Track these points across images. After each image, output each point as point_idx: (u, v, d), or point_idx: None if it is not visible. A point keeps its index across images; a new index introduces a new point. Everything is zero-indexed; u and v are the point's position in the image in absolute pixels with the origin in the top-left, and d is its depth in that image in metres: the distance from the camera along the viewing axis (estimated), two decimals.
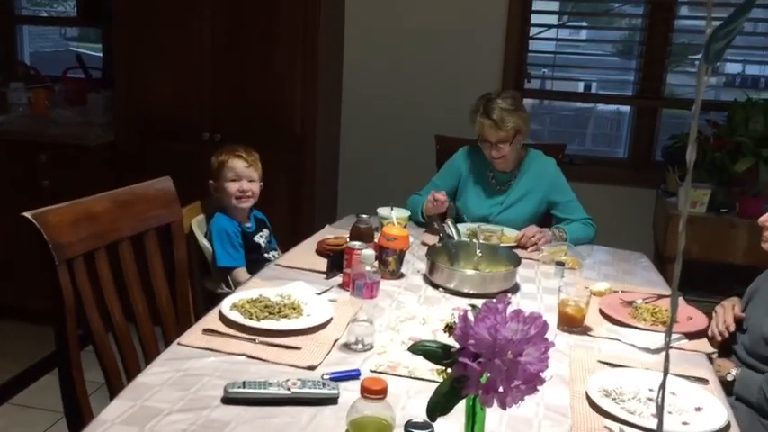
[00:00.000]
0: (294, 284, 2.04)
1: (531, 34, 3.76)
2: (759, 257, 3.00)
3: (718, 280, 3.24)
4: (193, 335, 1.72)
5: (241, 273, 2.49)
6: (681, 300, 2.17)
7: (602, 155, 4.14)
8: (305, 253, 2.41)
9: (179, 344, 1.67)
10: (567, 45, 4.04)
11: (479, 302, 1.15)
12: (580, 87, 4.14)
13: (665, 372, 0.79)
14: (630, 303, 2.11)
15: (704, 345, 1.91)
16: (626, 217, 3.62)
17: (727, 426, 1.47)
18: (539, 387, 1.11)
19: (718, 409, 1.52)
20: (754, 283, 2.18)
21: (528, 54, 3.78)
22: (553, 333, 1.90)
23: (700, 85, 0.70)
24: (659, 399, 0.77)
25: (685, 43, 3.72)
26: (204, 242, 2.54)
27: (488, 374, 1.10)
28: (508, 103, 2.71)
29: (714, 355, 2.03)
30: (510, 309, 1.14)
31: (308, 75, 3.42)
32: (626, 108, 3.89)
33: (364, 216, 2.28)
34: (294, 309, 1.86)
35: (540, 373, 1.11)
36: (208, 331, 1.73)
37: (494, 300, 1.13)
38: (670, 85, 3.68)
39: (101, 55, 4.38)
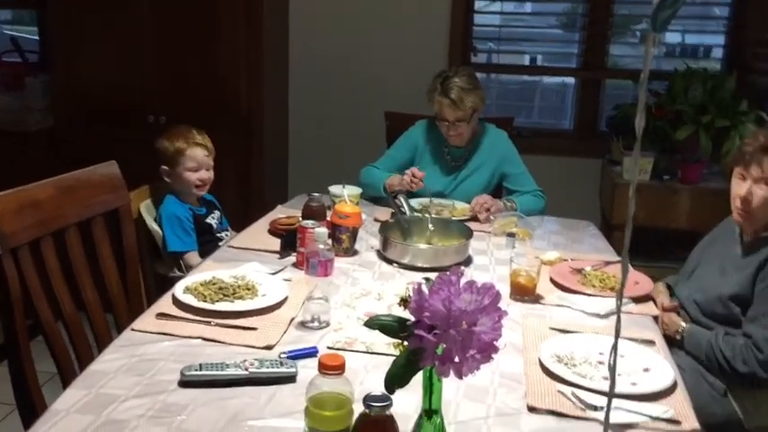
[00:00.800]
0: (248, 265, 2.02)
1: (476, 8, 3.78)
2: (700, 222, 3.10)
3: (662, 245, 3.35)
4: (147, 320, 1.70)
5: (193, 256, 2.46)
6: (628, 265, 2.23)
7: (548, 127, 4.19)
8: (257, 233, 2.39)
9: (132, 330, 1.65)
10: (512, 18, 4.07)
11: (433, 276, 1.17)
12: (526, 61, 4.18)
13: (617, 334, 0.81)
14: (580, 271, 2.16)
15: (650, 308, 1.97)
16: (573, 187, 3.68)
17: (674, 385, 1.52)
18: (493, 356, 1.14)
19: (665, 369, 1.58)
20: (698, 247, 2.24)
21: (474, 28, 3.79)
22: (506, 303, 1.94)
23: (647, 54, 0.71)
24: (611, 360, 0.79)
25: (627, 14, 3.79)
26: (154, 226, 2.50)
27: (444, 345, 1.11)
28: (465, 81, 2.73)
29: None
30: (463, 280, 1.16)
31: (253, 52, 3.37)
32: (571, 80, 3.94)
33: (316, 194, 2.28)
34: (249, 290, 1.85)
35: (495, 342, 1.13)
36: (161, 316, 1.71)
37: (447, 272, 1.15)
38: (613, 56, 3.75)
39: (37, 38, 4.23)
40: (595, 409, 1.42)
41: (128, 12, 3.38)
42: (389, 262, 2.19)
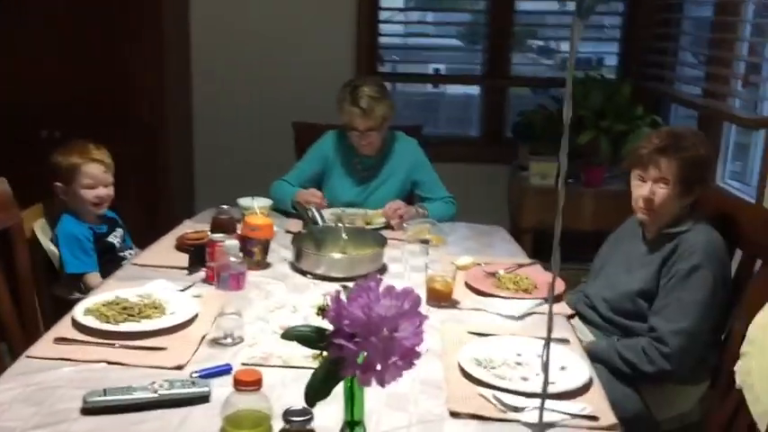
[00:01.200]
0: (154, 283, 1.93)
1: (381, 18, 3.79)
2: (604, 222, 3.20)
3: (570, 246, 3.42)
4: (44, 345, 1.59)
5: (93, 278, 2.32)
6: (539, 267, 2.27)
7: (457, 135, 4.25)
8: (164, 250, 2.29)
9: (28, 357, 1.54)
10: (417, 28, 4.11)
11: (350, 286, 1.13)
12: (430, 72, 4.24)
13: (549, 332, 0.80)
14: (493, 274, 2.17)
15: (563, 307, 2.01)
16: (482, 193, 3.74)
17: (590, 382, 1.55)
18: (415, 361, 1.11)
19: (581, 367, 1.60)
20: (604, 247, 2.30)
21: (379, 38, 3.80)
22: (423, 309, 1.92)
23: (574, 39, 0.71)
24: (545, 356, 0.78)
25: (527, 25, 3.90)
26: (51, 247, 2.35)
27: (365, 353, 1.08)
28: (374, 90, 2.72)
29: (574, 319, 2.14)
30: (382, 286, 1.13)
31: (154, 62, 3.26)
32: (474, 92, 4.01)
33: (225, 207, 2.20)
34: (156, 308, 1.76)
35: (417, 348, 1.10)
36: (60, 340, 1.60)
37: (365, 279, 1.12)
38: (515, 65, 3.83)
39: None
40: (516, 410, 1.42)
41: (21, 18, 3.19)
42: (303, 273, 2.14)
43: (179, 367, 1.51)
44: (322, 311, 1.28)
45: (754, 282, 1.98)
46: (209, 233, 2.10)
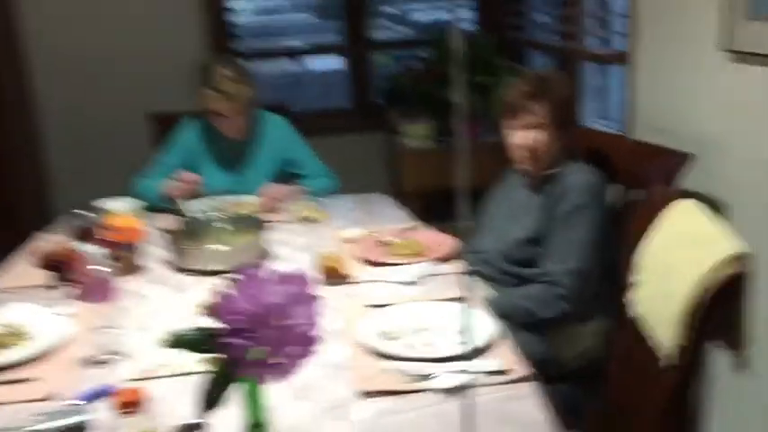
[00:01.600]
0: (13, 308, 1.72)
1: None
2: (484, 177, 3.22)
3: (454, 204, 3.43)
4: None
5: None
6: (428, 228, 2.22)
7: (327, 108, 4.15)
8: (20, 269, 2.07)
9: None
10: (272, 4, 3.96)
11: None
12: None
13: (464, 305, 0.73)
14: (385, 242, 2.11)
15: (457, 266, 1.97)
16: (361, 163, 3.67)
17: (497, 335, 1.52)
18: (314, 347, 1.02)
19: (486, 323, 1.57)
20: (487, 201, 2.29)
21: (229, 17, 3.62)
22: (318, 289, 1.83)
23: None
24: (463, 324, 0.70)
25: None
26: None
27: (259, 348, 0.98)
28: (233, 70, 2.57)
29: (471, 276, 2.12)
30: (267, 271, 1.03)
31: None
32: (338, 66, 3.92)
33: (83, 212, 2.00)
34: (18, 336, 1.57)
35: (313, 333, 1.01)
36: None
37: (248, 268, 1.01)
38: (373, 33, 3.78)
39: None
40: (426, 377, 1.37)
41: None
42: (183, 271, 1.99)
43: (52, 397, 1.34)
44: (206, 310, 1.16)
45: (632, 211, 2.02)
46: (69, 244, 1.91)
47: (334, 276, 1.87)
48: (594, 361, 1.99)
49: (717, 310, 1.22)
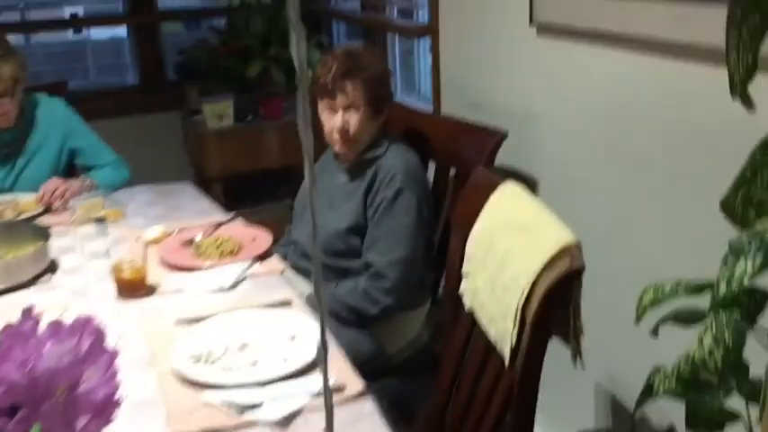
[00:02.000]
0: None
1: None
2: (292, 156, 3.07)
3: (263, 186, 3.25)
4: None
5: None
6: (239, 222, 2.03)
7: (111, 85, 3.74)
8: None
9: None
10: None
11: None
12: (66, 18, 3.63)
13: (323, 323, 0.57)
14: (191, 242, 1.89)
15: (275, 263, 1.81)
16: (156, 147, 3.36)
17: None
18: (115, 412, 0.82)
19: (312, 330, 1.43)
20: (303, 186, 2.14)
21: None
22: (115, 307, 1.59)
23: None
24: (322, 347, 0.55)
25: None
26: None
27: (40, 427, 0.76)
28: None
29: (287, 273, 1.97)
30: (44, 323, 0.81)
31: None
32: (124, 34, 3.53)
33: None
34: None
35: (114, 396, 0.81)
36: None
37: (16, 322, 0.78)
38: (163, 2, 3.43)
39: None
40: (254, 407, 1.21)
41: None
42: None
43: None
44: None
45: (453, 192, 1.98)
46: None
47: (136, 290, 1.63)
48: (424, 350, 1.94)
49: (552, 305, 1.17)
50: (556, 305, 1.18)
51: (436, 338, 1.94)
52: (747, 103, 0.90)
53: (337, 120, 1.88)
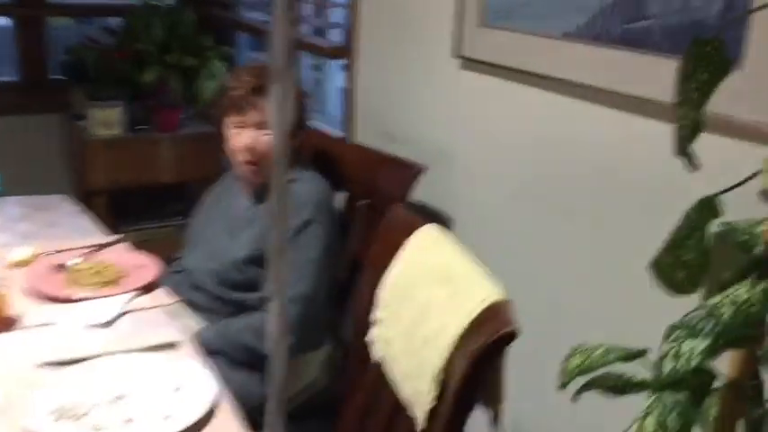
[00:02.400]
0: None
1: None
2: (187, 171, 2.86)
3: (152, 203, 3.01)
4: None
5: None
6: (124, 246, 1.81)
7: None
8: None
9: None
10: None
11: None
12: None
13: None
14: (64, 267, 1.66)
15: (162, 297, 1.61)
16: (32, 152, 3.04)
17: (217, 397, 1.21)
18: None
19: (201, 379, 1.25)
20: (201, 208, 1.94)
21: None
22: None
23: None
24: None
25: None
26: None
27: None
28: None
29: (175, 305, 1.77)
30: None
31: None
32: (5, 24, 3.20)
33: None
34: None
35: None
36: None
37: None
38: None
39: None
40: None
41: None
42: None
43: None
44: None
45: (365, 224, 1.86)
46: None
47: None
48: (322, 395, 1.79)
49: (479, 372, 1.06)
50: (483, 372, 1.07)
51: (335, 383, 1.80)
52: (691, 161, 0.83)
53: (246, 137, 1.72)
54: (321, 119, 2.92)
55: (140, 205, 2.97)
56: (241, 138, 1.73)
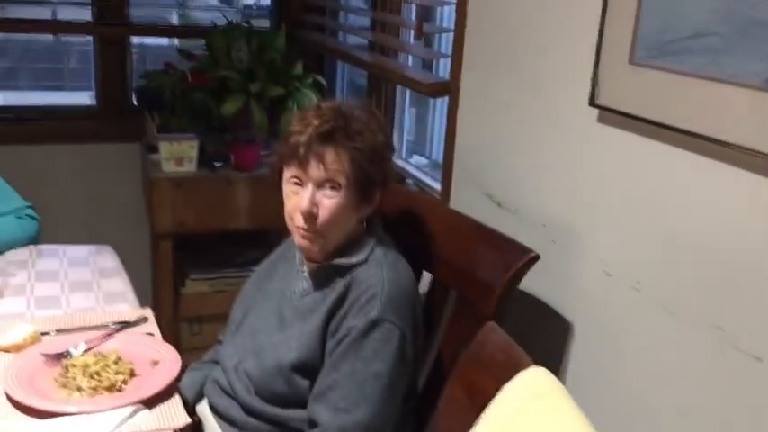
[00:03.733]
0: None
1: None
2: (265, 219, 2.49)
3: (225, 250, 2.67)
4: None
5: None
6: (141, 336, 1.43)
7: (68, 103, 3.19)
8: None
9: None
10: None
11: None
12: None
13: None
14: (62, 357, 1.30)
15: (176, 410, 1.21)
16: (111, 184, 2.81)
17: None
18: None
19: None
20: (254, 278, 1.54)
21: None
22: None
23: None
24: None
25: None
26: None
27: None
28: None
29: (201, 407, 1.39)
30: None
31: None
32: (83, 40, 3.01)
33: None
34: None
35: None
36: None
37: None
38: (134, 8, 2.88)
39: None
40: None
41: None
42: None
43: None
44: None
45: (448, 321, 1.41)
46: None
47: None
48: None
49: None
50: None
51: None
52: None
53: (304, 198, 1.30)
54: (423, 159, 2.50)
55: (210, 251, 2.64)
56: (298, 198, 1.32)
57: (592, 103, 1.27)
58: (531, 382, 0.88)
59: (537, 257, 1.28)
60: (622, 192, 1.25)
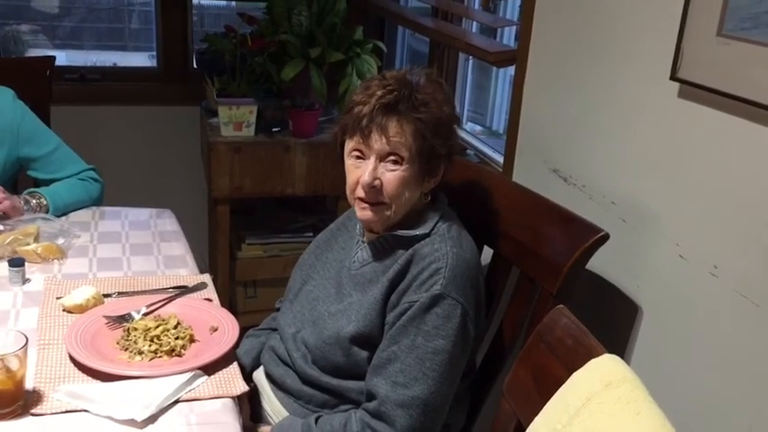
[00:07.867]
0: None
1: None
2: (322, 185, 2.49)
3: (280, 215, 2.68)
4: None
5: None
6: (200, 302, 1.43)
7: (131, 64, 3.21)
8: None
9: None
10: None
11: None
12: None
13: None
14: (124, 321, 1.31)
15: (234, 378, 1.21)
16: (171, 147, 2.83)
17: None
18: None
19: None
20: (311, 248, 1.52)
21: None
22: None
23: None
24: None
25: None
26: None
27: None
28: None
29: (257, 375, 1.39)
30: None
31: None
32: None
33: None
34: None
35: None
36: None
37: None
38: None
39: None
40: None
41: None
42: None
43: None
44: None
45: (510, 299, 1.37)
46: None
47: (2, 404, 1.06)
48: None
49: None
50: None
51: None
52: None
53: (366, 170, 1.27)
54: (482, 129, 2.44)
55: (267, 215, 2.65)
56: (359, 170, 1.29)
57: (673, 76, 1.20)
58: (604, 370, 0.84)
59: (607, 236, 1.23)
60: (702, 171, 1.18)
